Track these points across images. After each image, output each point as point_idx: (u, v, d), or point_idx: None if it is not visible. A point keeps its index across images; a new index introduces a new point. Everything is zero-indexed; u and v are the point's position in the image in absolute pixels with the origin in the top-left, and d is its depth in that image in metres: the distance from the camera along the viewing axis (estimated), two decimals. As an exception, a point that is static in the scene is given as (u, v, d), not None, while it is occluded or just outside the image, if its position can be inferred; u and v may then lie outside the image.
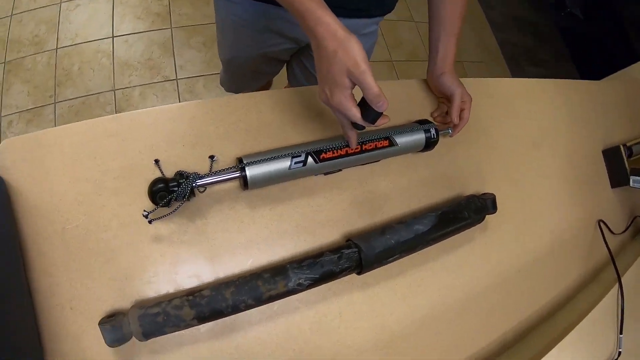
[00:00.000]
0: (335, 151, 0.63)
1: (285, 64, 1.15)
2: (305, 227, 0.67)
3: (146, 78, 1.97)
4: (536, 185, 0.95)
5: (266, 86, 1.58)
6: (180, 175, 0.58)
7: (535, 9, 3.19)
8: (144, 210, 0.56)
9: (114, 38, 1.98)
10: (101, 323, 0.51)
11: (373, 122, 0.56)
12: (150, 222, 0.58)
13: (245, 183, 0.59)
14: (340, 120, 0.59)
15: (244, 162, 0.58)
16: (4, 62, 1.92)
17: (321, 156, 0.62)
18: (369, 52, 1.00)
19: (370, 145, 0.65)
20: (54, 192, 0.57)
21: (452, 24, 0.77)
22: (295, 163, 0.60)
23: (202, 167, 0.64)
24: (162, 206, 0.57)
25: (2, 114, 1.85)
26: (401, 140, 0.68)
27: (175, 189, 0.57)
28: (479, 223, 0.77)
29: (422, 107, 0.85)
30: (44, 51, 1.94)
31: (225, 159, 0.65)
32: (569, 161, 1.03)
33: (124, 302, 0.57)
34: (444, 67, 0.79)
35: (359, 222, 0.71)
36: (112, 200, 0.59)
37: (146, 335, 0.52)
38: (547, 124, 1.03)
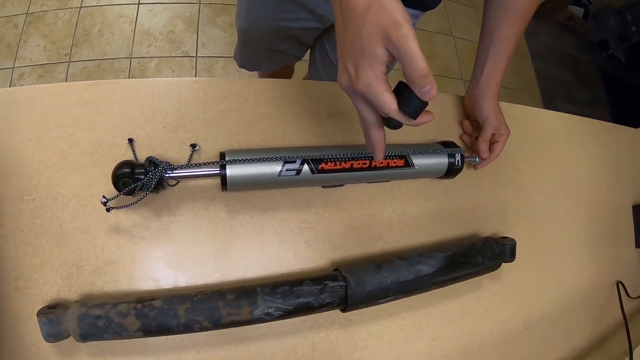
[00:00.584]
0: (338, 162, 0.53)
1: (310, 51, 1.04)
2: (289, 245, 0.58)
3: (165, 50, 1.90)
4: (557, 233, 0.84)
5: (286, 73, 1.44)
6: (150, 162, 0.49)
7: (579, 46, 3.07)
8: (103, 197, 0.48)
9: (140, 5, 1.92)
10: (40, 314, 0.45)
11: (414, 116, 0.39)
12: (108, 210, 0.50)
13: (224, 183, 0.49)
14: (363, 115, 0.42)
15: (226, 159, 0.49)
16: (26, 13, 1.88)
17: (320, 166, 0.52)
18: None
19: (382, 163, 0.55)
20: (17, 156, 0.52)
21: (507, 42, 0.66)
22: (287, 170, 0.50)
23: (182, 155, 0.55)
24: (125, 194, 0.49)
25: (16, 65, 1.80)
26: (419, 162, 0.58)
27: (142, 177, 0.48)
28: (493, 271, 0.67)
29: (451, 126, 0.75)
30: (67, 8, 1.89)
31: (209, 149, 0.56)
32: (595, 211, 0.92)
33: (70, 293, 0.51)
34: (486, 89, 0.68)
35: (352, 249, 0.61)
36: (74, 177, 0.53)
37: (84, 337, 0.46)
38: (580, 167, 0.92)
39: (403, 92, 0.38)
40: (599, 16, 3.03)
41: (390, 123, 0.41)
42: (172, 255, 0.54)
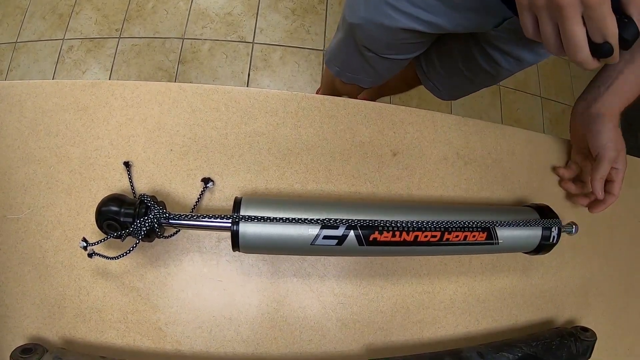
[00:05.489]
0: (398, 232, 0.37)
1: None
2: (317, 323, 0.44)
3: (220, 34, 1.79)
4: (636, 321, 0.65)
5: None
6: (141, 202, 0.36)
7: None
8: (83, 239, 0.38)
9: (198, -18, 1.82)
10: (12, 358, 0.39)
11: (629, 43, 0.37)
12: (90, 255, 0.39)
13: (235, 243, 0.36)
14: (574, 40, 0.37)
15: (241, 213, 0.35)
16: (81, -16, 1.83)
17: (372, 236, 0.37)
18: None
19: (457, 236, 0.39)
20: (3, 165, 0.45)
21: None
22: (326, 237, 0.36)
23: (190, 190, 0.44)
24: (113, 238, 0.38)
25: (66, 37, 1.76)
26: (505, 234, 0.42)
27: (129, 220, 0.35)
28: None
29: (544, 174, 0.57)
30: (123, -20, 1.82)
31: (226, 187, 0.44)
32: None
33: (51, 334, 0.44)
34: (609, 107, 0.51)
35: (397, 334, 0.46)
36: (61, 200, 0.44)
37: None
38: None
39: (622, 18, 0.38)
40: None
41: (599, 49, 0.38)
42: (168, 314, 0.43)
